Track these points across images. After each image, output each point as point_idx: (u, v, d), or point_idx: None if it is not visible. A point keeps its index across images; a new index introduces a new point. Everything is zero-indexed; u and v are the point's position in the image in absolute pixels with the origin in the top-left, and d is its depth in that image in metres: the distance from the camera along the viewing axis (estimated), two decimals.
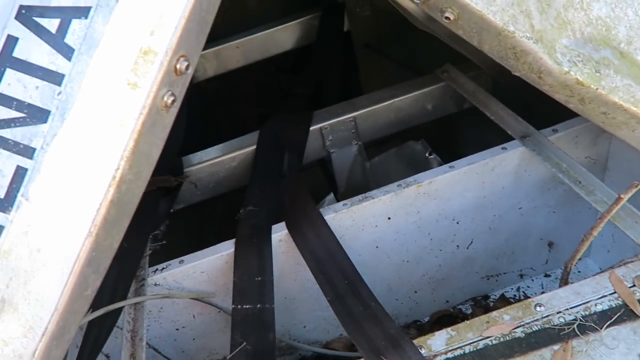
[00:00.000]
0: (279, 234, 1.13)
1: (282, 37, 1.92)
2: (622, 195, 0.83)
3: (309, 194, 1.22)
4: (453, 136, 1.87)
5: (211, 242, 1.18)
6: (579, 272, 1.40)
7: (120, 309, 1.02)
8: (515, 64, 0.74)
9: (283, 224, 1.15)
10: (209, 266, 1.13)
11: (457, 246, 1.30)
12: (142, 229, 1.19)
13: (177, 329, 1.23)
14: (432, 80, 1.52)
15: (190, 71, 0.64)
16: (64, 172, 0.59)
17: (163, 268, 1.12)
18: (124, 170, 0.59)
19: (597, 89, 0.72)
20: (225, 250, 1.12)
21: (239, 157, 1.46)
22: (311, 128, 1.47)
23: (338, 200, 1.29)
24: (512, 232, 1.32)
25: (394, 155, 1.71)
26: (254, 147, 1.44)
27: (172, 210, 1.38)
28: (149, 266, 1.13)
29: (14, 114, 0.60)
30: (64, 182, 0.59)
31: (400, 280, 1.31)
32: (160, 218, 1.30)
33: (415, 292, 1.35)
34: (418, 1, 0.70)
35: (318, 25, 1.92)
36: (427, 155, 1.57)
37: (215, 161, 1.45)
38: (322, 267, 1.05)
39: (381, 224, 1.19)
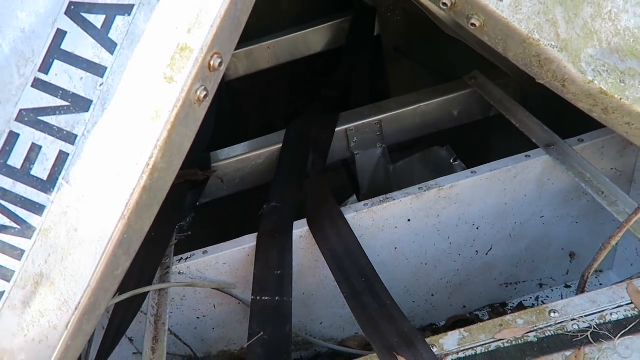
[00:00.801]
0: (300, 230, 1.16)
1: (313, 39, 1.95)
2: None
3: (331, 193, 1.25)
4: (479, 143, 1.87)
5: (234, 235, 1.21)
6: (601, 284, 1.39)
7: (145, 294, 1.07)
8: (539, 72, 0.75)
9: (304, 220, 1.18)
10: (231, 258, 1.17)
11: (477, 252, 1.30)
12: (170, 219, 1.24)
13: (198, 318, 1.27)
14: (459, 86, 1.53)
15: (223, 68, 0.67)
16: (102, 158, 0.63)
17: (187, 258, 1.17)
18: (157, 159, 0.63)
19: (621, 98, 0.73)
20: (247, 244, 1.16)
21: (265, 154, 1.49)
22: (337, 129, 1.49)
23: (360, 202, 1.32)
24: (533, 240, 1.31)
25: (418, 160, 1.72)
26: (280, 145, 1.48)
27: (198, 204, 1.43)
28: (174, 255, 1.18)
29: (59, 102, 0.64)
30: (102, 167, 0.63)
31: (417, 283, 1.32)
32: (187, 210, 1.35)
33: (433, 295, 1.36)
34: (445, 7, 0.72)
35: (349, 28, 1.95)
36: (451, 161, 1.58)
37: (242, 158, 1.49)
38: (340, 265, 1.08)
39: (401, 226, 1.20)
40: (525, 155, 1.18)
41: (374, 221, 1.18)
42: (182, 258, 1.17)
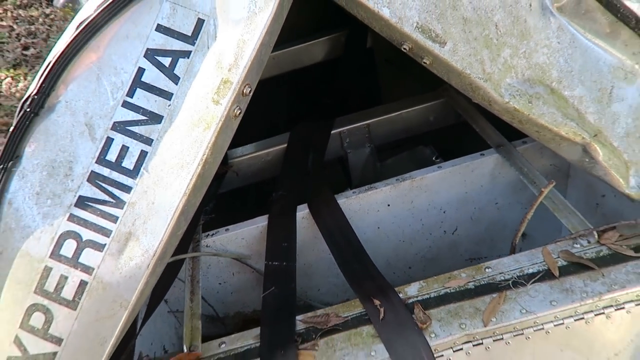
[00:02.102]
0: (302, 213, 1.47)
1: (313, 51, 2.22)
2: (543, 190, 1.15)
3: (328, 184, 1.55)
4: (455, 143, 2.17)
5: (248, 218, 1.51)
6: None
7: (182, 261, 1.37)
8: (472, 95, 1.05)
9: (305, 205, 1.48)
10: (248, 234, 1.47)
11: (444, 231, 1.61)
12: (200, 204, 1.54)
13: (220, 284, 1.57)
14: (434, 96, 1.83)
15: (251, 93, 0.97)
16: (171, 155, 0.93)
17: (213, 234, 1.47)
18: (207, 156, 0.93)
19: (529, 114, 1.03)
20: (260, 223, 1.46)
21: (273, 152, 1.80)
22: (332, 132, 1.80)
23: None
24: (490, 222, 1.62)
25: (406, 157, 2.03)
26: (285, 145, 1.78)
27: (218, 193, 1.73)
28: (202, 232, 1.48)
29: (140, 117, 0.94)
30: (171, 161, 0.93)
31: (397, 257, 1.63)
32: (210, 197, 1.65)
33: (410, 267, 1.67)
34: (406, 50, 1.02)
35: (344, 41, 2.22)
36: (434, 158, 1.88)
37: (253, 155, 1.79)
38: (334, 240, 1.38)
39: (382, 210, 1.51)
40: (480, 154, 1.49)
41: (361, 206, 1.49)
42: (208, 234, 1.48)
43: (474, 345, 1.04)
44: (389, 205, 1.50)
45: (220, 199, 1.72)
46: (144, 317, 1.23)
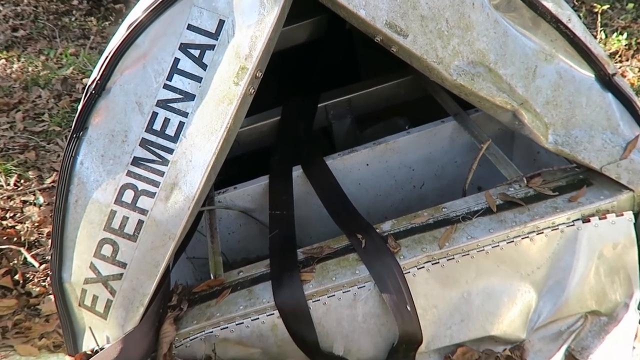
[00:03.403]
0: (297, 172, 1.79)
1: (298, 32, 2.48)
2: (482, 146, 1.49)
3: (317, 148, 1.87)
4: (425, 113, 2.50)
5: (251, 178, 1.82)
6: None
7: (201, 215, 1.68)
8: (429, 74, 1.37)
9: (299, 166, 1.80)
10: (252, 191, 1.79)
11: (414, 186, 1.95)
12: None
13: (229, 234, 1.90)
14: (405, 73, 2.15)
15: (261, 76, 1.27)
16: (203, 124, 1.23)
17: (224, 191, 1.79)
18: (230, 124, 1.24)
19: (472, 88, 1.35)
20: (262, 182, 1.78)
21: (268, 124, 2.10)
22: (318, 105, 2.11)
23: None
24: (451, 178, 1.96)
25: (382, 127, 2.35)
26: (279, 117, 2.08)
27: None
28: (215, 190, 1.79)
29: (178, 96, 1.23)
30: (203, 129, 1.23)
31: (375, 209, 1.97)
32: None
33: (386, 218, 1.98)
34: (377, 40, 1.32)
35: (326, 24, 2.50)
36: (406, 127, 2.20)
37: (252, 126, 2.09)
38: (324, 194, 1.71)
39: (362, 169, 1.84)
40: (441, 121, 1.82)
41: (344, 166, 1.82)
42: (220, 192, 1.79)
43: (432, 264, 1.38)
44: (367, 165, 1.83)
45: (225, 164, 2.02)
46: (174, 258, 1.55)
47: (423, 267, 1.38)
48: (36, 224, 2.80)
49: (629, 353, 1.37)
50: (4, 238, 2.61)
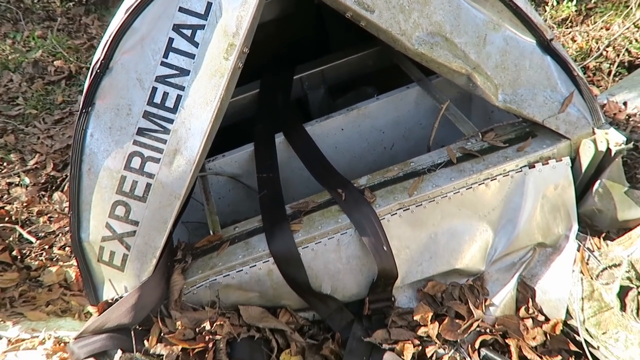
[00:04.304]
0: (280, 139, 1.97)
1: (268, 8, 2.63)
2: (442, 106, 1.70)
3: (297, 116, 2.05)
4: (392, 81, 2.70)
5: (236, 146, 1.99)
6: None
7: (195, 183, 1.84)
8: (394, 45, 1.56)
9: (281, 133, 1.98)
10: (240, 158, 1.97)
11: (384, 148, 2.16)
12: None
13: (219, 199, 2.07)
14: (373, 44, 2.33)
15: (247, 52, 1.44)
16: (198, 96, 1.39)
17: (213, 159, 1.95)
18: (223, 95, 1.40)
19: (431, 56, 1.55)
20: (248, 149, 1.96)
21: (248, 97, 2.25)
22: (294, 77, 2.27)
23: None
24: (418, 139, 2.18)
25: (353, 96, 2.53)
26: (258, 90, 2.24)
27: None
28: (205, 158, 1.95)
29: (174, 72, 1.38)
30: (199, 100, 1.39)
31: (351, 170, 2.17)
32: None
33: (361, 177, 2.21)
34: (348, 16, 1.50)
35: (296, 1, 2.64)
36: (375, 96, 2.40)
37: (233, 99, 2.24)
38: (306, 156, 1.90)
39: (338, 133, 2.03)
40: (406, 87, 2.02)
41: (322, 131, 2.00)
42: (209, 160, 1.96)
43: (403, 210, 1.60)
44: (342, 129, 2.03)
45: None
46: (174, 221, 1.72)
47: (396, 213, 1.60)
48: (25, 204, 2.90)
49: (569, 275, 1.63)
50: None
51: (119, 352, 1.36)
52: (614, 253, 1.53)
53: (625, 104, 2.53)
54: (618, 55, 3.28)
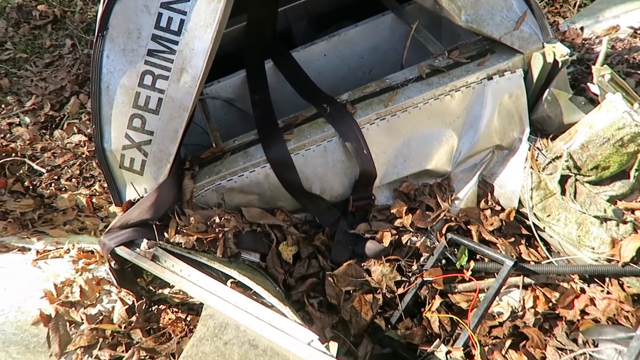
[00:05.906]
0: (269, 65, 2.18)
1: None
2: (411, 26, 1.93)
3: (282, 45, 2.25)
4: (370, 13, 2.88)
5: (231, 72, 2.20)
6: None
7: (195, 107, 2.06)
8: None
9: (270, 60, 2.19)
10: (233, 83, 2.18)
11: (364, 72, 2.38)
12: None
13: (216, 122, 2.29)
14: None
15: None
16: (199, 19, 1.58)
17: (209, 85, 2.16)
18: (221, 18, 1.59)
19: None
20: (241, 74, 2.17)
21: (236, 29, 2.42)
22: (279, 9, 2.45)
23: None
24: (393, 63, 2.40)
25: (334, 30, 2.71)
26: (245, 23, 2.42)
27: None
28: None
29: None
30: (200, 23, 1.58)
31: (333, 93, 2.39)
32: None
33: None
34: None
35: None
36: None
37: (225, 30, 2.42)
38: (293, 79, 2.12)
39: (321, 59, 2.25)
40: (382, 14, 2.23)
41: (307, 57, 2.22)
42: (206, 85, 2.17)
43: (380, 120, 1.85)
44: (325, 55, 2.24)
45: None
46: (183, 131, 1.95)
47: (374, 123, 1.85)
48: (28, 142, 3.09)
49: (521, 172, 1.92)
50: (3, 154, 2.90)
51: (145, 240, 1.62)
52: (556, 147, 1.82)
53: (582, 29, 2.78)
54: None
